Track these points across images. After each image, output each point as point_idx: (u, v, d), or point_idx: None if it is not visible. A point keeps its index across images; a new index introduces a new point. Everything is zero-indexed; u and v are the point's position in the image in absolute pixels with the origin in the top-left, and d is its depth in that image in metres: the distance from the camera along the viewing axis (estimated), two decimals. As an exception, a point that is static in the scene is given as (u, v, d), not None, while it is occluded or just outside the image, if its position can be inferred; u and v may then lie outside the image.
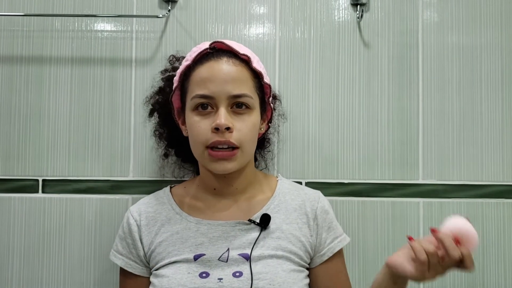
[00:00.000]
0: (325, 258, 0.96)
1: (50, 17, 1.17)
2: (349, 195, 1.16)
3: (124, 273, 0.98)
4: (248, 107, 0.91)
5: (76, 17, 1.18)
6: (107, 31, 1.18)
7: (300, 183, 1.16)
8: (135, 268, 0.96)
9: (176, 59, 1.09)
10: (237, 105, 0.90)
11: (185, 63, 0.94)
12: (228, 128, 0.87)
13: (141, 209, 0.98)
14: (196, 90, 0.90)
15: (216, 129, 0.87)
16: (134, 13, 1.18)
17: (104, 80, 1.17)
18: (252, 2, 1.19)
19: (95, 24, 1.18)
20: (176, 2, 1.17)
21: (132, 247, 0.96)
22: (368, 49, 1.19)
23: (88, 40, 1.18)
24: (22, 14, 1.17)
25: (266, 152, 1.12)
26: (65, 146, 1.16)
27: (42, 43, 1.17)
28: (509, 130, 1.18)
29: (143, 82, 1.17)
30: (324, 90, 1.18)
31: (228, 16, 1.19)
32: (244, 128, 0.90)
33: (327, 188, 1.16)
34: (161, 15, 1.16)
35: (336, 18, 1.19)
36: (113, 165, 1.16)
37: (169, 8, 1.16)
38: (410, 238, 0.81)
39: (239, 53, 0.92)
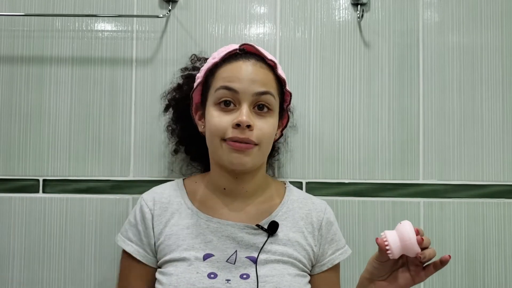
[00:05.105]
0: (325, 268, 0.97)
1: (50, 17, 1.17)
2: (349, 195, 1.16)
3: (129, 260, 0.97)
4: (269, 108, 0.92)
5: (76, 17, 1.18)
6: (107, 31, 1.18)
7: (301, 183, 1.16)
8: (143, 256, 0.96)
9: (197, 59, 1.11)
10: (259, 106, 0.91)
11: (212, 60, 0.96)
12: (248, 126, 0.88)
13: (155, 198, 0.98)
14: (221, 83, 0.91)
15: (237, 125, 0.88)
16: (135, 13, 1.18)
17: (105, 80, 1.17)
18: (253, 2, 1.19)
19: (96, 24, 1.18)
20: (176, 2, 1.17)
21: (144, 235, 0.96)
22: (368, 49, 1.19)
23: (89, 40, 1.18)
24: (23, 14, 1.17)
25: (274, 161, 1.13)
26: (66, 146, 1.16)
27: (43, 43, 1.17)
28: (510, 130, 1.18)
29: (144, 82, 1.17)
30: (324, 90, 1.18)
31: (229, 16, 1.19)
32: (264, 127, 0.91)
33: (328, 188, 1.16)
34: (161, 15, 1.16)
35: (336, 18, 1.19)
36: (114, 165, 1.16)
37: (170, 8, 1.16)
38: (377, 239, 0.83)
39: (266, 58, 0.94)
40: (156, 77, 1.15)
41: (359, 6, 1.17)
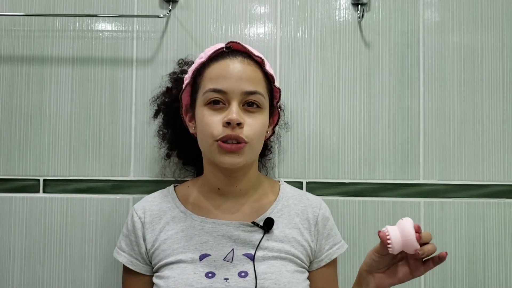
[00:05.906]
0: (323, 264, 0.98)
1: (51, 17, 1.17)
2: (350, 195, 1.16)
3: (126, 271, 0.99)
4: (259, 106, 0.92)
5: (77, 17, 1.18)
6: (108, 31, 1.18)
7: (301, 183, 1.16)
8: (136, 266, 0.96)
9: (185, 63, 1.11)
10: (249, 103, 0.91)
11: (199, 60, 0.95)
12: (239, 124, 0.88)
13: (145, 206, 0.99)
14: (209, 85, 0.91)
15: (228, 124, 0.88)
16: (135, 13, 1.18)
17: (105, 80, 1.17)
18: (253, 2, 1.19)
19: (96, 24, 1.18)
20: (177, 2, 1.17)
21: (135, 244, 0.96)
22: (369, 48, 1.19)
23: (89, 40, 1.18)
24: (23, 14, 1.17)
25: (267, 160, 1.13)
26: (66, 146, 1.16)
27: (43, 43, 1.17)
28: (510, 130, 1.18)
29: (144, 82, 1.17)
30: (325, 90, 1.18)
31: (229, 16, 1.19)
32: (254, 124, 0.90)
33: (328, 188, 1.16)
34: (162, 15, 1.16)
35: (337, 17, 1.19)
36: (114, 165, 1.16)
37: (170, 8, 1.16)
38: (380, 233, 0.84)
39: (253, 54, 0.94)
40: (157, 77, 1.15)
41: (359, 6, 1.17)
